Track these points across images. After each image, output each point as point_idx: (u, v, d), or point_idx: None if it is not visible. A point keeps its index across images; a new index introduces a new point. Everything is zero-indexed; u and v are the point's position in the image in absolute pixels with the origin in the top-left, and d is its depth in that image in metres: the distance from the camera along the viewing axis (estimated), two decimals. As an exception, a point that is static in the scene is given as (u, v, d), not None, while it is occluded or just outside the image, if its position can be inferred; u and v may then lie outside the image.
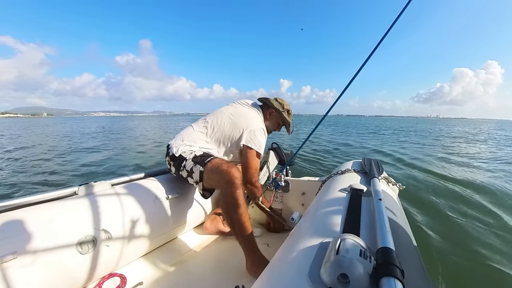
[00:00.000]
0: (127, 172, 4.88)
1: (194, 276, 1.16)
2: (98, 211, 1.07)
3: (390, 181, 1.25)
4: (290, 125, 1.59)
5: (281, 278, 0.53)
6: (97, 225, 1.03)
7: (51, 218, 0.95)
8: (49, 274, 0.87)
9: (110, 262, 1.08)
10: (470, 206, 2.69)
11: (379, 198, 0.76)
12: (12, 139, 11.75)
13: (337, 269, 0.42)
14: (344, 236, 0.49)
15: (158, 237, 1.30)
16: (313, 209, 0.92)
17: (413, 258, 0.61)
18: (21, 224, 0.88)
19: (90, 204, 1.07)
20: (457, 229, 2.17)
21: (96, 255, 1.00)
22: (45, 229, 0.91)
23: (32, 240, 0.86)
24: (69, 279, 0.94)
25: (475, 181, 3.71)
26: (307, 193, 1.65)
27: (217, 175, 1.16)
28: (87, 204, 1.06)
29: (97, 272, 1.04)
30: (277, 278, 0.55)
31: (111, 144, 9.37)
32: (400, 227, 0.75)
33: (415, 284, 0.49)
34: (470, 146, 9.22)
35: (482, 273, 1.59)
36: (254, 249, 1.14)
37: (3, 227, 0.84)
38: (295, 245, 0.66)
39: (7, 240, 0.82)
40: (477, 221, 2.29)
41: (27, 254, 0.83)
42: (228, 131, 1.37)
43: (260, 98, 1.58)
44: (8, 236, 0.83)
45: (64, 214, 0.98)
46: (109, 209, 1.10)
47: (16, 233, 0.85)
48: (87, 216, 1.03)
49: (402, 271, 0.42)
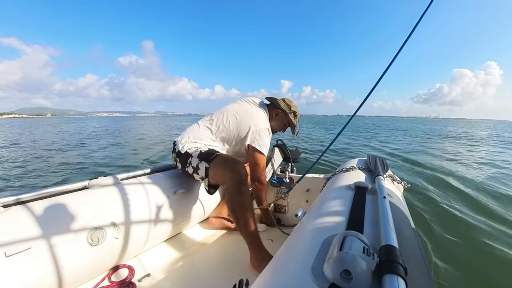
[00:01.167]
0: (135, 167, 4.95)
1: (200, 269, 1.18)
2: (107, 204, 1.09)
3: (395, 179, 1.24)
4: (296, 127, 1.58)
5: (285, 273, 0.53)
6: (106, 218, 1.06)
7: (63, 210, 0.97)
8: (61, 264, 0.90)
9: (119, 254, 1.10)
10: (476, 206, 2.64)
11: (384, 196, 0.76)
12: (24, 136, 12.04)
13: (340, 265, 0.42)
14: (348, 233, 0.49)
15: (165, 231, 1.32)
16: (317, 205, 0.92)
17: (416, 256, 0.60)
18: (35, 216, 0.90)
19: (99, 198, 1.09)
20: (462, 229, 2.13)
21: (105, 246, 1.02)
22: (58, 221, 0.94)
23: (45, 231, 0.88)
24: (80, 269, 0.97)
25: (482, 182, 3.64)
26: (311, 190, 1.65)
27: (222, 171, 1.17)
28: (97, 198, 1.09)
29: (106, 263, 1.07)
30: (281, 273, 0.55)
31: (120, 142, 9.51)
32: (404, 225, 0.74)
33: (418, 282, 0.49)
34: (474, 146, 9.05)
35: (487, 273, 1.56)
36: (258, 244, 1.14)
37: (18, 219, 0.87)
38: (299, 240, 0.66)
39: (21, 232, 0.84)
40: (482, 221, 2.24)
41: (40, 244, 0.86)
42: (233, 129, 1.37)
43: (268, 98, 1.57)
44: (23, 227, 0.86)
45: (75, 207, 1.01)
46: (117, 203, 1.12)
47: (31, 224, 0.87)
48: (97, 209, 1.05)
49: (405, 269, 0.42)
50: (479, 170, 4.51)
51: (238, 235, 1.24)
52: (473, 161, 5.44)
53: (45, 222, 0.90)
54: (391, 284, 0.38)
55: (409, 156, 5.78)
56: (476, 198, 2.87)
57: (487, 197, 2.95)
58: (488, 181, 3.68)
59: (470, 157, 6.15)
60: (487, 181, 3.69)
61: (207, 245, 1.40)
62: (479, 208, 2.56)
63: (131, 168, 4.87)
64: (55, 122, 49.32)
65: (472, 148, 8.58)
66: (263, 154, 1.38)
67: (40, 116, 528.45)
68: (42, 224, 0.89)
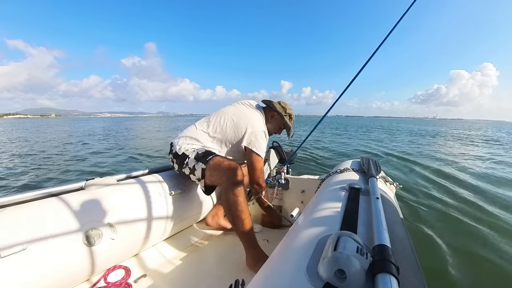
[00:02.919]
0: (132, 168, 4.90)
1: (196, 270, 1.17)
2: (103, 205, 1.08)
3: (388, 181, 1.25)
4: (291, 129, 1.58)
5: (280, 273, 0.53)
6: (102, 219, 1.04)
7: (59, 211, 0.96)
8: (57, 265, 0.88)
9: (115, 255, 1.09)
10: (464, 204, 2.69)
11: (377, 197, 0.76)
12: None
13: (334, 265, 0.42)
14: (342, 233, 0.49)
15: (161, 232, 1.31)
16: (312, 206, 0.92)
17: (408, 255, 0.61)
18: (31, 217, 0.89)
19: (96, 199, 1.08)
20: (451, 227, 2.17)
21: (101, 247, 1.01)
22: (53, 222, 0.92)
23: (41, 232, 0.87)
24: (76, 270, 0.95)
25: (469, 180, 3.72)
26: (306, 191, 1.66)
27: (219, 173, 1.17)
28: (93, 199, 1.07)
29: (102, 264, 1.05)
30: (276, 273, 0.55)
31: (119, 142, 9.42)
32: (397, 225, 0.75)
33: (410, 280, 0.49)
34: (463, 146, 9.24)
35: (475, 270, 1.59)
36: (254, 244, 1.14)
37: (13, 220, 0.85)
38: (294, 241, 0.66)
39: (17, 232, 0.83)
40: (471, 219, 2.29)
41: (36, 246, 0.84)
42: (230, 131, 1.37)
43: (264, 100, 1.57)
44: (18, 228, 0.84)
45: (72, 207, 0.99)
46: (114, 203, 1.11)
47: (26, 225, 0.86)
48: (93, 210, 1.04)
49: (398, 268, 0.43)
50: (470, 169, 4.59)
51: (234, 236, 1.24)
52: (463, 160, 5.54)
53: (41, 223, 0.89)
54: (384, 283, 0.39)
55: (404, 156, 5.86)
56: (466, 197, 2.92)
57: (476, 195, 3.01)
58: (477, 179, 3.77)
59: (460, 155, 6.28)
60: (476, 179, 3.77)
61: (203, 246, 1.39)
62: (469, 208, 2.61)
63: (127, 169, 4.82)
64: (57, 123, 48.54)
65: (463, 146, 8.77)
66: (261, 156, 1.37)
67: (45, 117, 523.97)
68: (38, 225, 0.88)
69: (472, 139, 12.52)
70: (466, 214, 2.44)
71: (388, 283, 0.39)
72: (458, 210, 2.54)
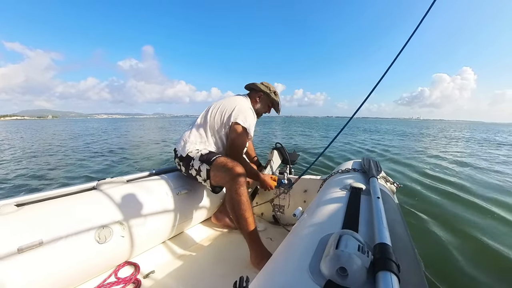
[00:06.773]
0: (140, 169, 4.95)
1: (202, 266, 1.18)
2: (114, 204, 1.09)
3: (388, 180, 1.24)
4: (279, 104, 1.59)
5: (283, 270, 0.53)
6: (113, 217, 1.06)
7: (72, 210, 0.97)
8: (70, 261, 0.90)
9: (125, 252, 1.10)
10: (464, 203, 2.65)
11: (377, 196, 0.76)
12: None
13: (336, 263, 0.42)
14: (344, 232, 0.49)
15: (169, 230, 1.32)
16: (314, 206, 0.92)
17: (408, 254, 0.60)
18: (46, 215, 0.90)
19: (107, 198, 1.10)
20: (451, 225, 2.13)
21: (112, 244, 1.02)
22: (67, 220, 0.94)
23: (56, 229, 0.88)
24: (88, 266, 0.97)
25: (468, 179, 3.67)
26: (309, 191, 1.65)
27: (223, 173, 1.17)
28: (104, 198, 1.09)
29: (113, 260, 1.06)
30: (279, 270, 0.55)
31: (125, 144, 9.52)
32: (397, 224, 0.74)
33: (410, 278, 0.49)
34: (458, 146, 9.11)
35: (475, 267, 1.56)
36: (258, 242, 1.14)
37: (30, 218, 0.87)
38: (297, 239, 0.66)
39: (34, 230, 0.85)
40: (471, 218, 2.25)
41: (50, 242, 0.86)
42: (218, 121, 1.35)
43: (246, 86, 1.56)
44: (35, 226, 0.86)
45: (84, 206, 1.01)
46: (124, 203, 1.12)
47: (42, 223, 0.88)
48: (104, 208, 1.06)
49: (398, 266, 0.42)
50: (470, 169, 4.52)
51: (238, 234, 1.24)
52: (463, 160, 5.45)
53: (55, 221, 0.90)
54: (385, 281, 0.39)
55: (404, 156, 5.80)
56: (463, 195, 2.89)
57: (474, 193, 2.97)
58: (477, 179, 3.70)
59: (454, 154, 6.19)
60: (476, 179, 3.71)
61: (209, 244, 1.40)
62: (469, 205, 2.57)
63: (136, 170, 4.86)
64: (53, 124, 48.92)
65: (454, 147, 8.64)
66: (246, 128, 1.32)
67: (42, 118, 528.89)
68: (52, 223, 0.89)
69: (470, 141, 12.32)
70: (466, 212, 2.41)
71: (389, 280, 0.39)
72: (458, 209, 2.50)
